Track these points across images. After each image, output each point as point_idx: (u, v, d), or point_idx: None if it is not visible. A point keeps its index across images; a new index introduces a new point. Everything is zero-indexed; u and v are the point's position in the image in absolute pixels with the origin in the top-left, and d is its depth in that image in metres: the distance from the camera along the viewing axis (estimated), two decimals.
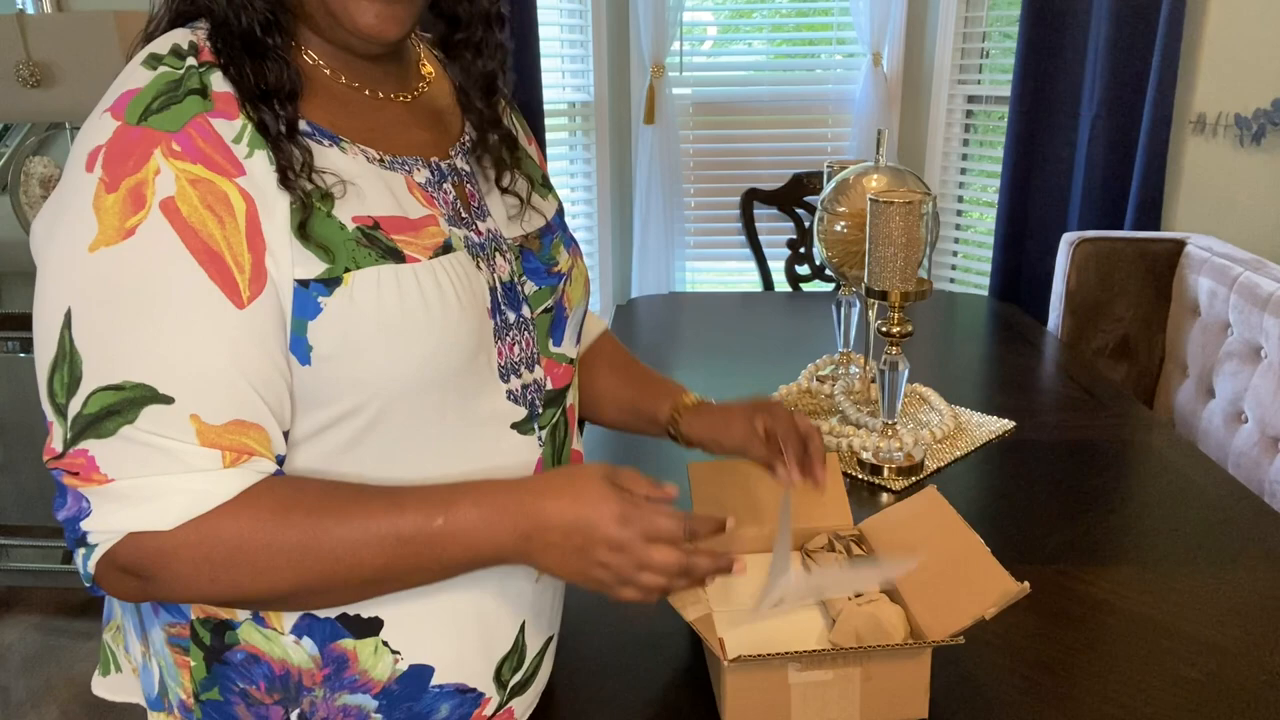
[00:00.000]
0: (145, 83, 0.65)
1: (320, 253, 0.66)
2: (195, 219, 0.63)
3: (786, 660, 0.82)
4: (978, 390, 1.76)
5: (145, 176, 0.62)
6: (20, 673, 2.21)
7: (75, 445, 0.62)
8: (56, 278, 0.63)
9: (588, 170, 3.09)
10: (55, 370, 0.62)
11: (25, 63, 2.18)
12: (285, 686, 0.73)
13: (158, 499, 0.62)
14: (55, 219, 0.64)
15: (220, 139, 0.65)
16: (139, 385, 0.61)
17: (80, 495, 0.63)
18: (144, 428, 0.61)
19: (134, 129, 0.63)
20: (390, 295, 0.68)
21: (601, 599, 0.72)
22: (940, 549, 0.91)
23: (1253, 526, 1.23)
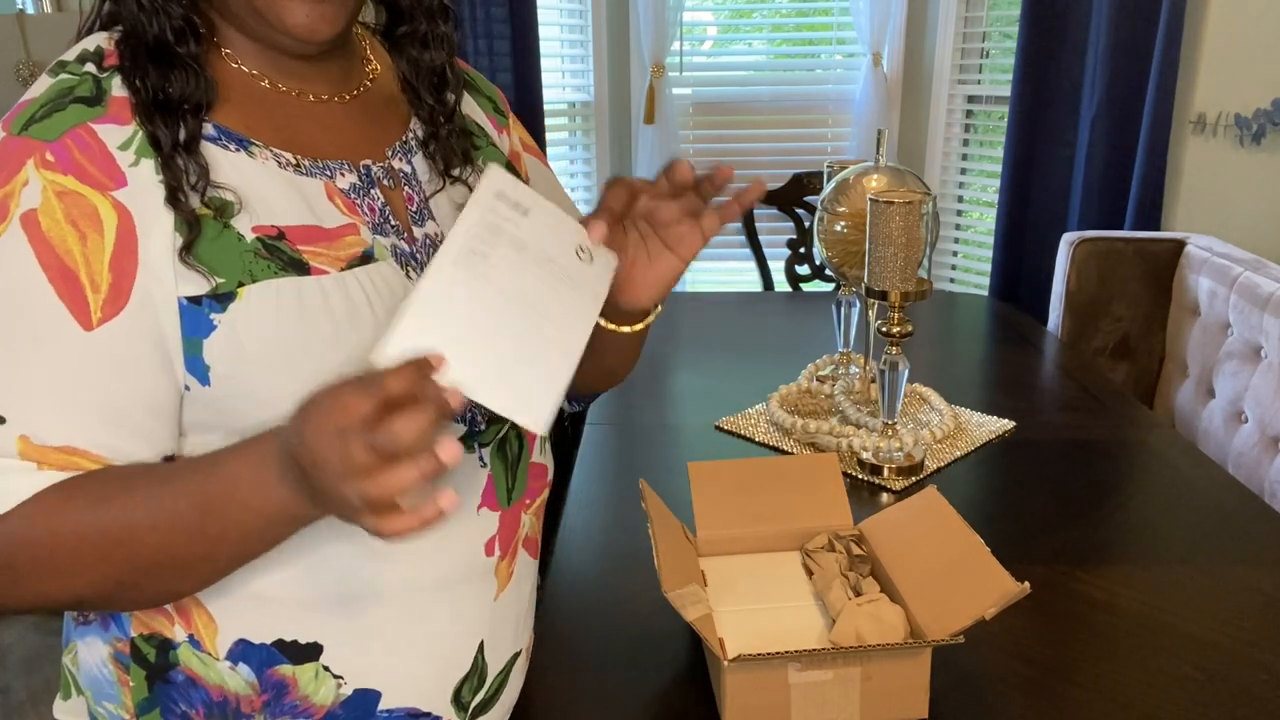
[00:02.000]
0: (39, 91, 0.63)
1: (210, 268, 0.63)
2: (55, 234, 0.60)
3: (786, 660, 0.82)
4: (978, 390, 1.76)
5: (13, 188, 0.60)
6: (20, 673, 2.22)
7: None
8: None
9: (588, 170, 3.09)
10: None
11: (25, 63, 2.18)
12: (224, 713, 0.71)
13: None
14: None
15: (103, 147, 0.62)
16: None
17: None
18: None
19: (14, 139, 0.61)
20: (290, 309, 0.64)
21: (600, 598, 0.71)
22: (940, 549, 0.91)
23: (1253, 526, 1.23)
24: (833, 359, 1.77)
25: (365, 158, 0.73)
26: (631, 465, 1.47)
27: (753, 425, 1.57)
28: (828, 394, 1.67)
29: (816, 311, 2.28)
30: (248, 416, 0.64)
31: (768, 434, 1.54)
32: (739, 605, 0.97)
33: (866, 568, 0.98)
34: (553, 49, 2.94)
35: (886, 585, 0.95)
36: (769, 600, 0.98)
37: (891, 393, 1.40)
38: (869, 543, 1.01)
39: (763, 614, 0.96)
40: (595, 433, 1.55)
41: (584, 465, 1.43)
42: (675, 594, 0.84)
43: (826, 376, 1.72)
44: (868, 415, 1.54)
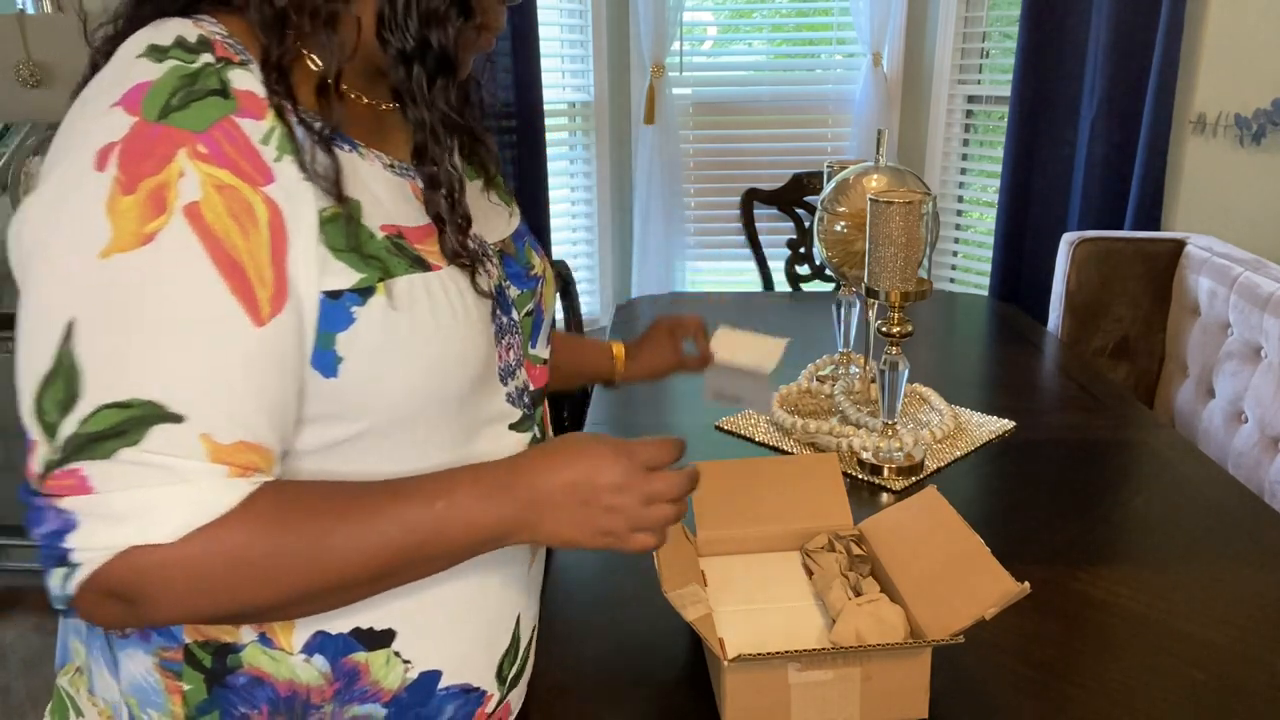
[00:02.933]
0: (156, 76, 0.60)
1: (355, 262, 0.64)
2: (220, 227, 0.59)
3: (786, 660, 0.82)
4: (978, 390, 1.76)
5: (168, 179, 0.58)
6: (20, 673, 2.22)
7: (66, 465, 0.57)
8: (58, 285, 0.58)
9: (588, 170, 3.09)
10: (48, 386, 0.57)
11: (25, 63, 2.18)
12: (290, 708, 0.71)
13: (154, 511, 0.58)
14: (51, 220, 0.59)
15: (248, 142, 0.61)
16: (148, 403, 0.57)
17: (62, 511, 0.57)
18: (148, 448, 0.57)
19: (154, 126, 0.58)
20: (422, 303, 0.67)
21: (600, 598, 0.71)
22: (940, 549, 0.91)
23: (1253, 526, 1.23)
24: (833, 359, 1.77)
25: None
26: None
27: (753, 425, 1.57)
28: (828, 394, 1.67)
29: (816, 311, 2.28)
30: (357, 410, 0.66)
31: (768, 434, 1.54)
32: (739, 605, 0.97)
33: (866, 568, 0.98)
34: (553, 49, 2.94)
35: (886, 585, 0.95)
36: (769, 600, 0.98)
37: (891, 393, 1.40)
38: (869, 543, 1.01)
39: (763, 614, 0.96)
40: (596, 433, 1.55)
41: None
42: (675, 594, 0.84)
43: (826, 376, 1.72)
44: (868, 415, 1.54)
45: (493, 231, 0.81)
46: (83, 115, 0.61)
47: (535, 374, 0.84)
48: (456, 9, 0.67)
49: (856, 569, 0.98)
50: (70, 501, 0.57)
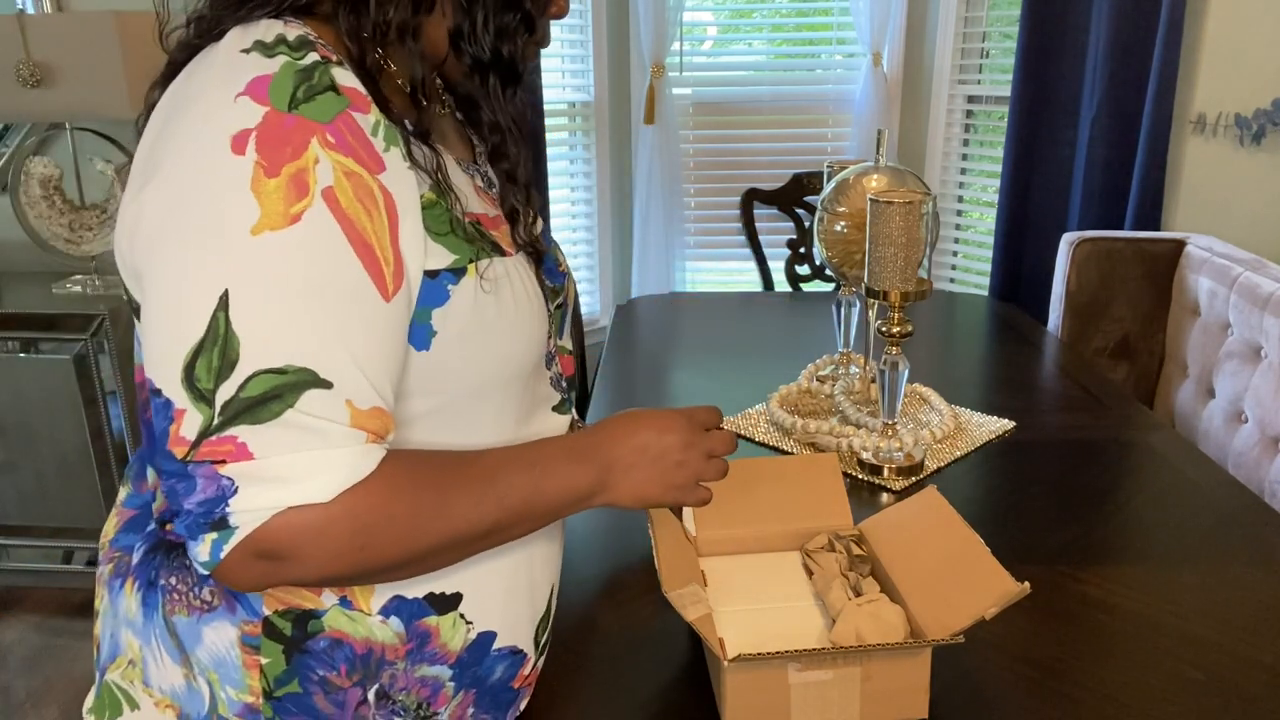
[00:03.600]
0: (273, 69, 0.64)
1: (450, 243, 0.70)
2: (352, 210, 0.64)
3: (786, 660, 0.82)
4: (978, 390, 1.76)
5: (306, 164, 0.62)
6: (20, 673, 2.22)
7: (224, 431, 0.61)
8: (208, 257, 0.61)
9: (588, 170, 3.09)
10: (201, 354, 0.61)
11: (25, 63, 2.18)
12: (366, 665, 0.75)
13: (313, 476, 0.63)
14: (189, 200, 0.62)
15: (363, 133, 0.66)
16: (302, 369, 0.62)
17: (220, 477, 0.61)
18: (304, 410, 0.62)
19: (287, 116, 0.63)
20: (504, 285, 0.73)
21: (600, 597, 0.72)
22: (940, 549, 0.91)
23: (1253, 526, 1.23)
24: (833, 359, 1.77)
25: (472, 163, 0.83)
26: None
27: (753, 425, 1.57)
28: (828, 394, 1.67)
29: (816, 311, 2.28)
30: (446, 381, 0.73)
31: (768, 434, 1.54)
32: (739, 605, 0.97)
33: (866, 568, 0.98)
34: (553, 49, 2.94)
35: (886, 585, 0.95)
36: (769, 600, 0.98)
37: (891, 393, 1.40)
38: (869, 543, 1.01)
39: (763, 614, 0.96)
40: None
41: None
42: (675, 594, 0.84)
43: (826, 376, 1.72)
44: (868, 415, 1.54)
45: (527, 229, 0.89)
46: (200, 105, 0.65)
47: (565, 362, 0.92)
48: (524, 25, 0.75)
49: (857, 569, 0.98)
50: (231, 468, 0.61)
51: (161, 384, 0.63)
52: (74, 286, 2.45)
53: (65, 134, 2.49)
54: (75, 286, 2.45)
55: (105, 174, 2.47)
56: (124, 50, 2.17)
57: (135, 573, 0.79)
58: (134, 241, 0.66)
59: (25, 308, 2.32)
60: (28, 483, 2.44)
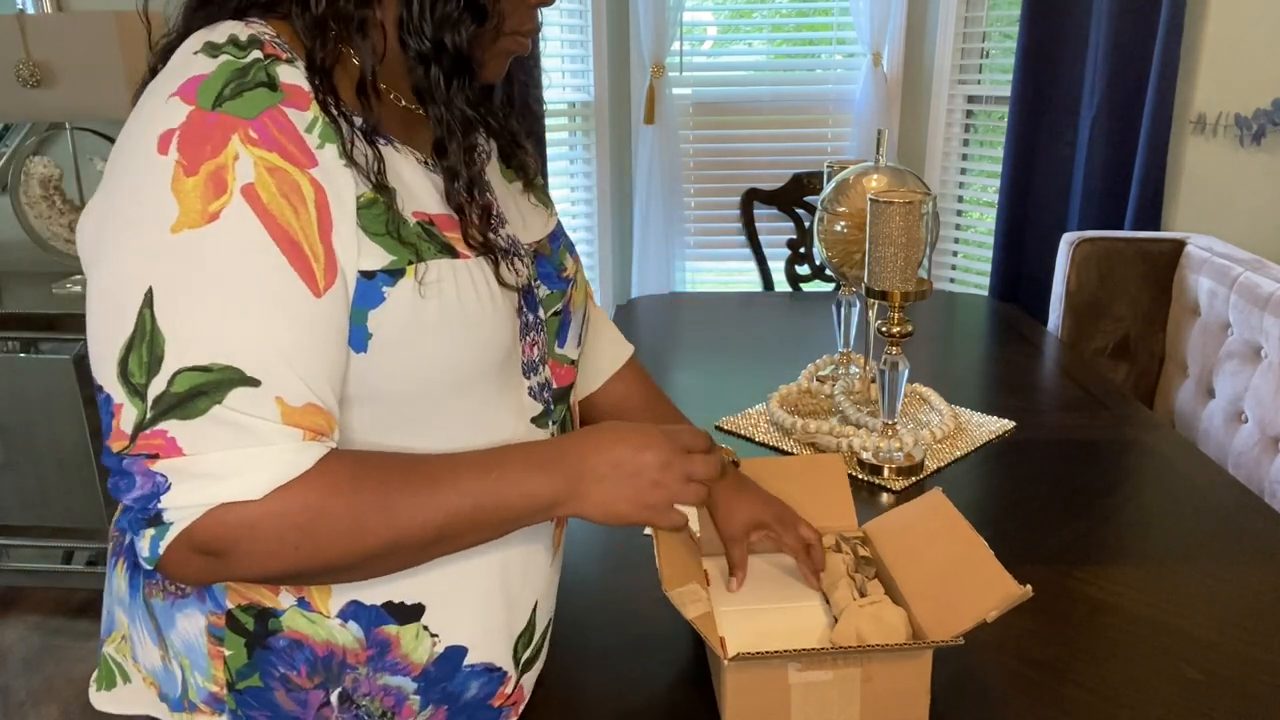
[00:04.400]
0: (210, 69, 0.64)
1: (387, 244, 0.68)
2: (274, 206, 0.63)
3: (786, 660, 0.82)
4: (978, 390, 1.76)
5: (225, 161, 0.62)
6: (20, 673, 2.22)
7: (155, 425, 0.61)
8: (134, 255, 0.62)
9: (588, 170, 3.09)
10: (132, 349, 0.62)
11: (25, 63, 2.18)
12: (328, 667, 0.75)
13: (244, 472, 0.62)
14: (120, 202, 0.64)
15: (294, 129, 0.65)
16: (227, 367, 0.62)
17: (153, 474, 0.62)
18: (232, 407, 0.62)
19: (209, 114, 0.63)
20: (449, 288, 0.71)
21: (601, 597, 0.71)
22: (943, 551, 0.91)
23: (1253, 526, 1.23)
24: (833, 359, 1.77)
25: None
26: None
27: (753, 425, 1.57)
28: (828, 394, 1.67)
29: (816, 311, 2.28)
30: (383, 388, 0.71)
31: (768, 434, 1.54)
32: (741, 605, 0.97)
33: (872, 570, 0.98)
34: (553, 49, 2.94)
35: (890, 587, 0.95)
36: (772, 600, 0.98)
37: (891, 393, 1.40)
38: (873, 544, 1.01)
39: (765, 614, 0.96)
40: None
41: None
42: (676, 592, 0.84)
43: (826, 376, 1.72)
44: (868, 415, 1.54)
45: (529, 232, 0.86)
46: (144, 108, 0.66)
47: (561, 373, 0.88)
48: (470, 13, 0.71)
49: (862, 570, 0.98)
50: (162, 464, 0.62)
51: (102, 380, 0.63)
52: (74, 286, 2.45)
53: (65, 134, 2.49)
54: (75, 286, 2.45)
55: None
56: (124, 50, 2.17)
57: (125, 553, 0.81)
58: (81, 244, 0.68)
59: (25, 308, 2.32)
60: (28, 483, 2.44)
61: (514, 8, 0.76)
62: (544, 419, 0.84)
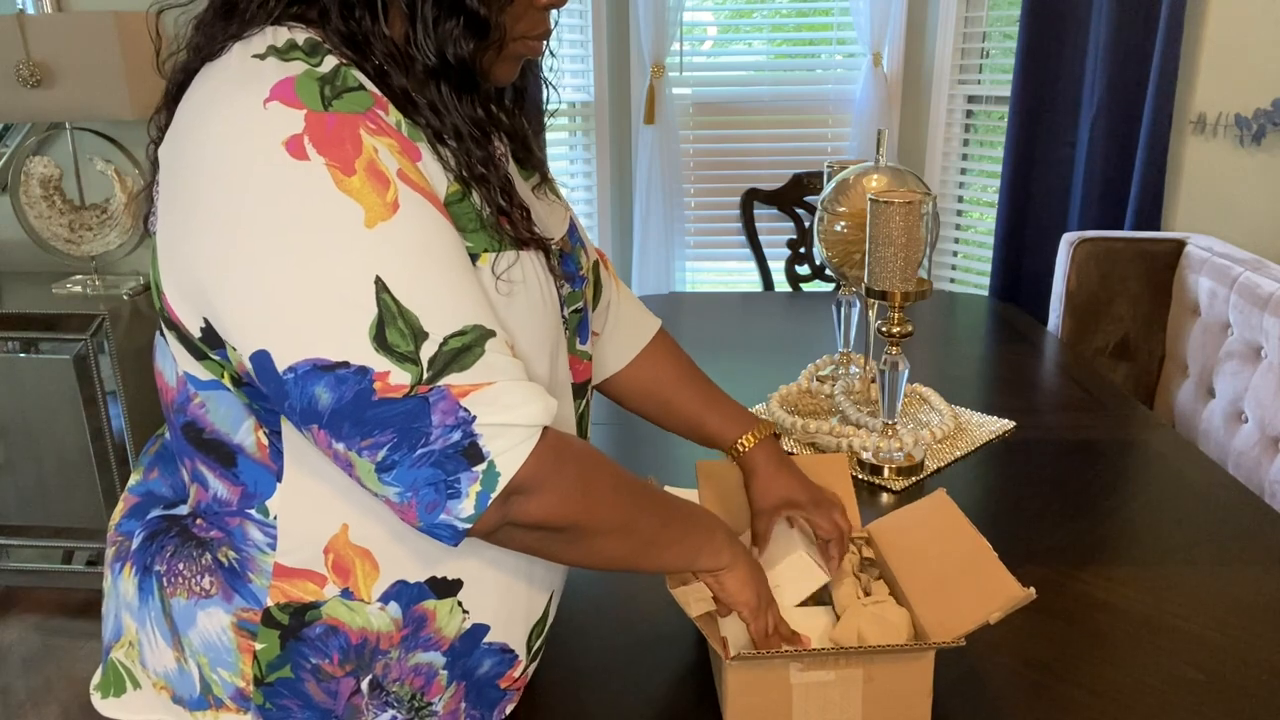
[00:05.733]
0: (295, 72, 0.66)
1: (467, 233, 0.72)
2: (422, 183, 0.68)
3: (788, 659, 0.82)
4: (978, 390, 1.76)
5: (370, 155, 0.65)
6: (20, 673, 2.22)
7: (437, 380, 0.65)
8: (342, 253, 0.65)
9: (588, 170, 3.09)
10: (386, 327, 0.65)
11: (25, 63, 2.18)
12: (360, 655, 0.76)
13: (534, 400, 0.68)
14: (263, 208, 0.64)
15: (392, 127, 0.69)
16: (475, 326, 0.67)
17: (457, 404, 0.65)
18: (493, 352, 0.67)
19: (326, 115, 0.65)
20: (518, 277, 0.74)
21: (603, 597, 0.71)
22: (947, 553, 0.91)
23: (1253, 526, 1.23)
24: (833, 359, 1.77)
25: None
26: (632, 465, 1.47)
27: None
28: (828, 394, 1.67)
29: (816, 311, 2.28)
30: None
31: None
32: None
33: (875, 570, 0.98)
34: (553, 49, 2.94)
35: (893, 588, 0.95)
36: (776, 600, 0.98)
37: (891, 393, 1.40)
38: (876, 544, 1.01)
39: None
40: (595, 433, 1.56)
41: None
42: (679, 590, 0.84)
43: (826, 376, 1.72)
44: (868, 415, 1.54)
45: (553, 229, 0.87)
46: (220, 118, 0.65)
47: (580, 368, 0.90)
48: (472, 30, 0.72)
49: (867, 571, 0.98)
50: (467, 398, 0.66)
51: (344, 356, 0.65)
52: (74, 286, 2.45)
53: (65, 134, 2.48)
54: (75, 286, 2.45)
55: (105, 174, 2.47)
56: (124, 50, 2.17)
57: (133, 558, 0.81)
58: (193, 255, 0.68)
59: (25, 308, 2.32)
60: (28, 483, 2.44)
61: (523, 12, 0.76)
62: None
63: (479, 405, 0.66)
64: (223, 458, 0.76)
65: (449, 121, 0.72)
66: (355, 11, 0.70)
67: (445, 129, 0.72)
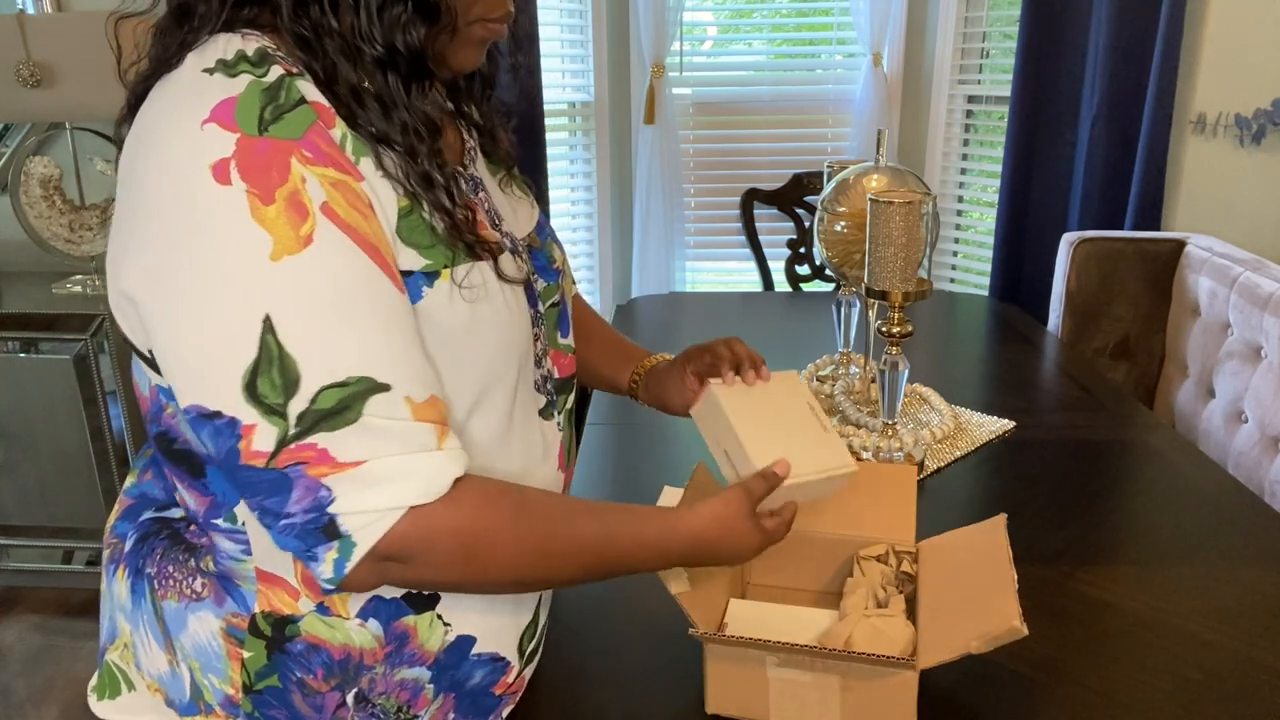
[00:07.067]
0: (238, 90, 0.64)
1: (421, 249, 0.69)
2: (350, 218, 0.65)
3: (763, 651, 0.82)
4: (978, 390, 1.76)
5: (295, 185, 0.63)
6: (20, 673, 2.22)
7: (303, 439, 0.63)
8: (236, 287, 0.62)
9: (588, 170, 3.09)
10: (260, 373, 0.62)
11: (25, 63, 2.18)
12: (344, 670, 0.75)
13: (413, 479, 0.65)
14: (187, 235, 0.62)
15: (334, 144, 0.66)
16: (361, 378, 0.63)
17: (316, 484, 0.63)
18: (373, 414, 0.64)
19: (260, 140, 0.63)
20: (479, 290, 0.72)
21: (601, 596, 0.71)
22: (972, 576, 0.89)
23: (1253, 526, 1.23)
24: (833, 359, 1.77)
25: (457, 163, 0.80)
26: (632, 465, 1.47)
27: None
28: (828, 394, 1.67)
29: (816, 311, 2.28)
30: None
31: None
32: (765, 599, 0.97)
33: (910, 586, 0.96)
34: (553, 49, 2.94)
35: (913, 605, 0.93)
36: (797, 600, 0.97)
37: (891, 393, 1.40)
38: (921, 561, 0.98)
39: (781, 611, 0.95)
40: (595, 433, 1.55)
41: (584, 465, 1.43)
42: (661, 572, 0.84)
43: (826, 376, 1.72)
44: (868, 415, 1.54)
45: (520, 225, 0.86)
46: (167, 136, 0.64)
47: (563, 363, 0.89)
48: (420, 14, 0.69)
49: (902, 586, 0.96)
50: (330, 477, 0.63)
51: (217, 405, 0.63)
52: (74, 286, 2.45)
53: (65, 134, 2.48)
54: (75, 286, 2.45)
55: (105, 174, 2.47)
56: None
57: (126, 560, 0.81)
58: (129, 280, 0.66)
59: (25, 308, 2.32)
60: (28, 483, 2.44)
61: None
62: (549, 410, 0.86)
63: (340, 485, 0.63)
64: (192, 468, 0.75)
65: (396, 118, 0.69)
66: (309, 9, 0.68)
67: (392, 128, 0.69)
